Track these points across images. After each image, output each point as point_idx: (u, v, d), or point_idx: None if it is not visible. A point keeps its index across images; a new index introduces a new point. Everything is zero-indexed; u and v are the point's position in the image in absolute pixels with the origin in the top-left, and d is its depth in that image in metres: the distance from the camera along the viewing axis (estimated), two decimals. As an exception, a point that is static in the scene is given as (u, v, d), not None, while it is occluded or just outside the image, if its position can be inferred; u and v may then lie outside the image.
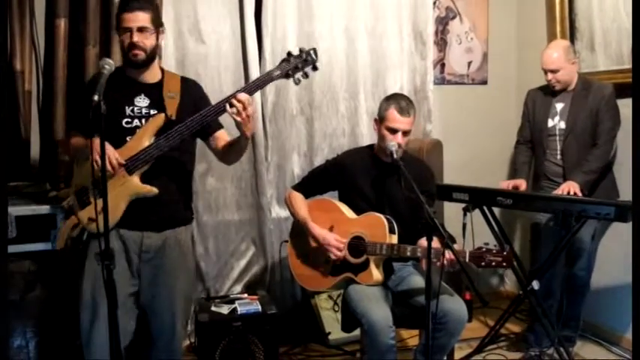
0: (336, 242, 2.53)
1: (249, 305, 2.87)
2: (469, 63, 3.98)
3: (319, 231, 2.58)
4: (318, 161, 3.38)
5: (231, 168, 3.35)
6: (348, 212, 2.63)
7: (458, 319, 2.36)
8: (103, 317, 2.06)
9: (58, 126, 2.79)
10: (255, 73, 3.27)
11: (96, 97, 1.73)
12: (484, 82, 4.02)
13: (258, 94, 3.32)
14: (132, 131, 2.16)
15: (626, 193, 3.02)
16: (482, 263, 2.23)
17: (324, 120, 3.50)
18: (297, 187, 2.76)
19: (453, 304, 2.37)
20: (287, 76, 2.19)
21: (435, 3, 3.76)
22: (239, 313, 2.82)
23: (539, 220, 3.21)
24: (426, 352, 2.16)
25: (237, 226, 3.43)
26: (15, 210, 2.48)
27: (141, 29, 2.10)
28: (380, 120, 2.56)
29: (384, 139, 2.52)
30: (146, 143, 2.11)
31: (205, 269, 3.36)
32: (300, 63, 2.19)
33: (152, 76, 2.24)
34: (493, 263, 2.22)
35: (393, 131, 2.49)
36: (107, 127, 2.00)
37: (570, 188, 2.82)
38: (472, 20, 3.94)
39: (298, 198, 2.70)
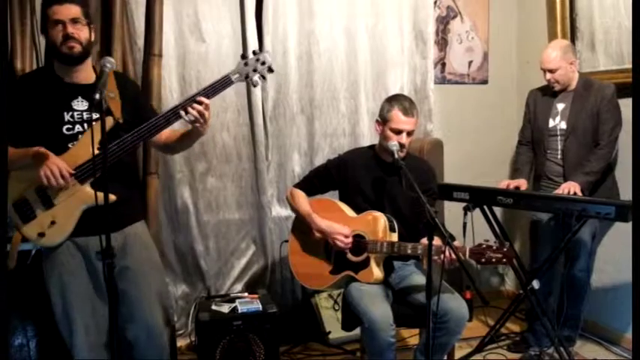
0: (342, 229, 2.53)
1: (250, 304, 2.87)
2: (470, 62, 3.98)
3: (324, 222, 2.58)
4: (319, 160, 3.38)
5: (232, 167, 3.37)
6: (349, 211, 2.63)
7: (458, 318, 2.36)
8: (79, 323, 2.08)
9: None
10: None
11: (97, 96, 1.72)
12: (485, 82, 4.02)
13: (258, 93, 3.33)
14: (74, 137, 2.05)
15: (626, 193, 3.02)
16: (483, 260, 2.23)
17: (324, 119, 3.51)
18: (299, 186, 2.76)
19: (454, 303, 2.37)
20: (246, 78, 2.15)
21: (435, 2, 3.76)
22: (239, 312, 2.82)
23: (539, 218, 3.21)
24: (426, 351, 2.17)
25: (238, 225, 3.43)
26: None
27: (74, 20, 2.00)
28: (383, 121, 2.56)
29: (387, 140, 2.52)
30: (92, 150, 1.89)
31: (206, 268, 3.36)
32: (257, 66, 2.15)
33: (86, 76, 2.11)
34: (493, 260, 2.22)
35: (398, 132, 2.50)
36: (45, 134, 1.99)
37: (571, 188, 2.82)
38: (473, 20, 3.94)
39: (300, 194, 2.70)
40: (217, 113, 3.28)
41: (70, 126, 2.06)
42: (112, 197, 2.00)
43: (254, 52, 2.17)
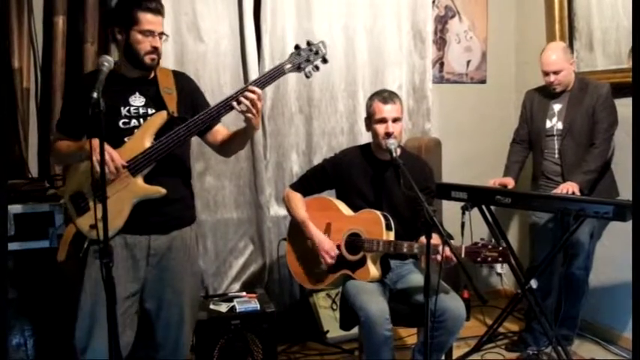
0: (329, 250, 2.55)
1: (248, 303, 2.87)
2: (468, 62, 3.98)
3: (316, 235, 2.60)
4: (317, 160, 3.38)
5: (230, 166, 3.36)
6: (345, 210, 2.63)
7: (456, 318, 2.35)
8: (102, 326, 2.00)
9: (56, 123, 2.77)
10: (253, 71, 3.26)
11: (95, 95, 1.71)
12: (483, 81, 4.03)
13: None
14: (129, 132, 2.08)
15: (625, 193, 3.03)
16: (479, 259, 2.23)
17: (322, 118, 3.50)
18: (295, 187, 2.76)
19: (451, 302, 2.37)
20: (299, 69, 2.17)
21: (434, 2, 3.76)
22: (237, 311, 2.82)
23: (537, 220, 3.21)
24: (424, 350, 2.16)
25: (236, 224, 3.43)
26: (13, 208, 2.48)
27: (161, 35, 2.07)
28: (368, 117, 2.60)
29: (377, 135, 2.55)
30: (148, 143, 2.02)
31: (204, 267, 3.36)
32: (311, 56, 2.17)
33: (144, 72, 2.15)
34: (489, 259, 2.22)
35: (383, 121, 2.52)
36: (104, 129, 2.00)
37: (569, 188, 2.82)
38: (471, 19, 3.94)
39: (296, 197, 2.71)
40: (215, 112, 3.28)
41: (127, 120, 2.09)
42: (162, 190, 2.05)
43: (308, 43, 2.18)
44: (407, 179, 2.28)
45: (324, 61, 2.21)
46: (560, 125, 3.06)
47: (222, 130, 2.28)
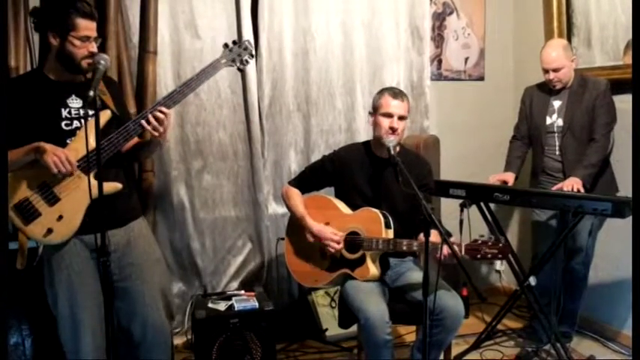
0: (333, 235, 2.54)
1: (246, 302, 2.86)
2: (466, 59, 3.97)
3: (316, 226, 2.59)
4: (315, 157, 3.37)
5: (228, 164, 3.36)
6: (344, 208, 2.63)
7: (454, 316, 2.35)
8: (85, 326, 2.07)
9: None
10: (251, 69, 3.25)
11: (91, 93, 1.72)
12: (481, 78, 4.02)
13: (254, 91, 3.31)
14: (72, 133, 2.08)
15: (624, 190, 3.03)
16: (478, 255, 2.22)
17: (320, 116, 3.50)
18: (294, 183, 2.75)
19: (450, 300, 2.37)
20: (233, 62, 2.35)
21: (431, -2, 3.76)
22: (236, 309, 2.81)
23: (538, 218, 3.21)
24: (423, 348, 2.16)
25: (234, 222, 3.42)
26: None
27: (96, 38, 2.07)
28: (374, 111, 2.59)
29: (380, 128, 2.53)
30: (93, 142, 1.94)
31: (202, 266, 3.35)
32: (240, 52, 2.36)
33: (76, 76, 2.14)
34: (489, 255, 2.22)
35: (389, 115, 2.51)
36: (45, 131, 2.02)
37: (573, 185, 2.82)
38: (469, 16, 3.93)
39: (295, 194, 2.70)
40: (213, 111, 3.27)
41: (69, 122, 2.09)
42: (118, 186, 2.09)
43: (234, 42, 2.39)
44: (405, 177, 2.28)
45: (252, 56, 2.41)
46: (560, 122, 3.06)
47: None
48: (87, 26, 2.02)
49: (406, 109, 2.56)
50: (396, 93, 2.55)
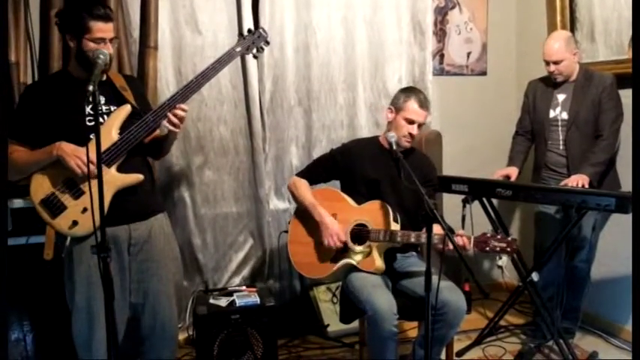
0: (340, 233, 2.53)
1: (248, 298, 2.87)
2: (468, 54, 3.95)
3: (328, 218, 2.57)
4: (317, 153, 3.36)
5: (229, 160, 3.35)
6: (351, 201, 2.63)
7: (456, 311, 2.35)
8: (102, 319, 2.02)
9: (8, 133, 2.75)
10: (252, 64, 3.24)
11: (91, 88, 1.72)
12: (483, 73, 4.00)
13: (256, 86, 3.30)
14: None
15: (627, 185, 3.01)
16: (487, 248, 2.23)
17: (322, 111, 3.48)
18: (302, 174, 2.75)
19: (452, 295, 2.36)
20: (247, 49, 2.39)
21: (433, -7, 3.74)
22: (237, 305, 2.81)
23: (545, 209, 3.18)
24: (425, 343, 2.15)
25: (235, 218, 3.42)
26: (11, 202, 2.48)
27: (112, 40, 2.11)
28: (396, 110, 2.60)
29: (399, 129, 2.57)
30: (116, 136, 2.09)
31: (203, 261, 3.35)
32: (255, 40, 2.39)
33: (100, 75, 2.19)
34: (497, 249, 2.23)
35: (411, 122, 2.56)
36: (68, 128, 2.07)
37: (579, 181, 2.80)
38: (471, 10, 3.91)
39: (303, 184, 2.69)
40: (214, 106, 3.26)
41: (92, 117, 2.11)
42: (140, 177, 2.13)
43: (249, 30, 2.41)
44: (407, 172, 2.28)
45: (267, 43, 2.47)
46: (564, 115, 3.03)
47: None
48: (100, 28, 2.06)
49: (426, 117, 2.63)
50: (422, 101, 2.59)
